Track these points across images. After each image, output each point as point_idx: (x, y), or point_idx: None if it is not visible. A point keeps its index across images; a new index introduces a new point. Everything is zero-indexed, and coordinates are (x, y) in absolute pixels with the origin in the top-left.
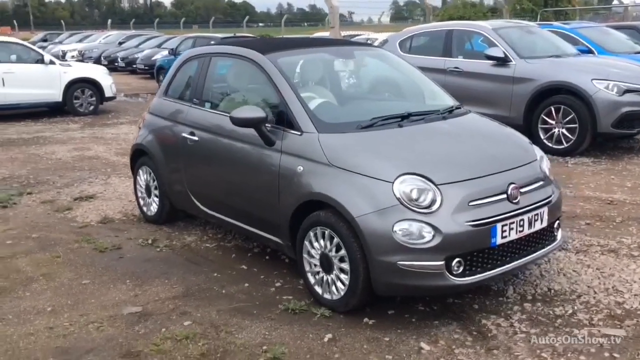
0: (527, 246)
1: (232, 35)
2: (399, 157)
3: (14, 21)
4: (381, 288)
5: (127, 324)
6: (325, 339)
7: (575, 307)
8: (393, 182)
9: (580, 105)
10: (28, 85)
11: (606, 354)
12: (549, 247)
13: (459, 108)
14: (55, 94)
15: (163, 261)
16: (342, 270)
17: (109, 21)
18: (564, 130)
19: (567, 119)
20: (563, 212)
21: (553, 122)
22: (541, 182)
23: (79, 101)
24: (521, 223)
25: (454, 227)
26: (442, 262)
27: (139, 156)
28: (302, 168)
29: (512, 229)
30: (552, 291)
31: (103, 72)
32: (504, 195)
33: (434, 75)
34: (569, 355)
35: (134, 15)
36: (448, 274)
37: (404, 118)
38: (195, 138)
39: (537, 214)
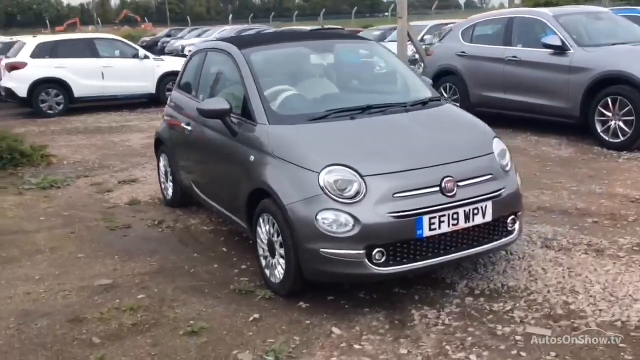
0: (467, 239)
1: (319, 27)
2: (332, 149)
3: (145, 18)
4: (309, 274)
5: (90, 294)
6: (251, 318)
7: (517, 305)
8: (319, 173)
9: (637, 95)
10: (124, 78)
11: (513, 352)
12: (499, 242)
13: (435, 100)
14: (149, 86)
15: (158, 241)
16: (281, 255)
17: (230, 16)
18: (621, 123)
19: (624, 110)
20: (577, 209)
21: (610, 114)
22: (489, 176)
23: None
24: (455, 216)
25: (374, 218)
26: (362, 251)
27: (159, 144)
28: (253, 157)
29: (443, 221)
30: (505, 287)
31: None
32: (437, 188)
33: (493, 65)
34: (473, 349)
35: (264, 10)
36: (368, 262)
37: (364, 110)
38: (190, 128)
39: (477, 208)
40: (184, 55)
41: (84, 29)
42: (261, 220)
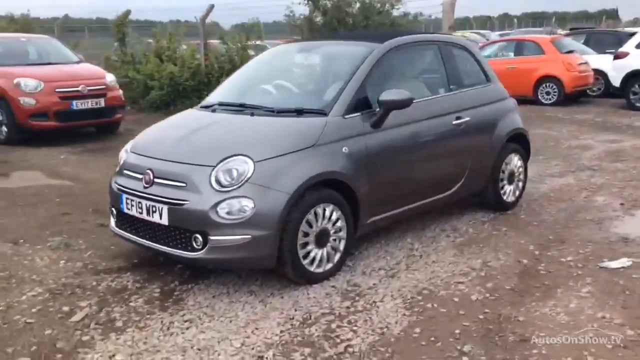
0: (153, 233)
1: None
2: (151, 130)
3: None
4: None
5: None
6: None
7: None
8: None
9: None
10: None
11: None
12: (175, 251)
13: (313, 112)
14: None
15: None
16: None
17: None
18: None
19: None
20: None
21: None
22: (181, 184)
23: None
24: (140, 205)
25: (111, 184)
26: (111, 208)
27: None
28: None
29: (133, 206)
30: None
31: None
32: (140, 176)
33: None
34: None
35: None
36: (112, 219)
37: (236, 107)
38: None
39: (155, 207)
40: None
41: None
42: None
